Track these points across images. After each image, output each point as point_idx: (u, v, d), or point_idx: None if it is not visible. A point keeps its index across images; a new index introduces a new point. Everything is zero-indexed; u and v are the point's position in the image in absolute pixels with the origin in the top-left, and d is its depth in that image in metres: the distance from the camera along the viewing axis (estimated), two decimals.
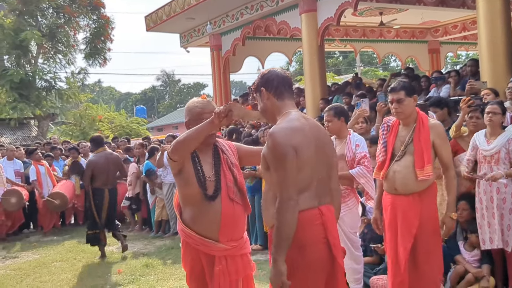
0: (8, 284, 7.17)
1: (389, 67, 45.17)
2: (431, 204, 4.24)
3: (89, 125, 28.54)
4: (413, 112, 4.30)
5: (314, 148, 2.92)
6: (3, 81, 24.13)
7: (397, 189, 4.27)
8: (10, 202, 10.38)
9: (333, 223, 2.98)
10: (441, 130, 4.27)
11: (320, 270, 2.89)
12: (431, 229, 4.19)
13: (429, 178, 4.16)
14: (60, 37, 26.59)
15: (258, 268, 7.04)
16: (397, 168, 4.27)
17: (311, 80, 11.63)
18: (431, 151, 4.18)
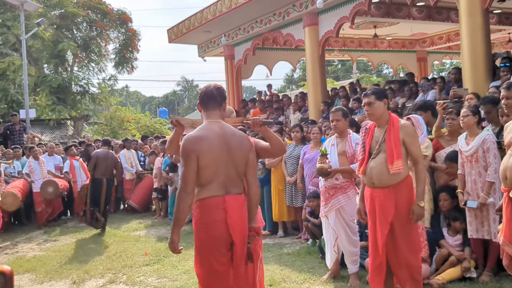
0: (50, 264, 7.24)
1: (382, 74, 44.96)
2: (406, 195, 4.25)
3: (118, 125, 28.58)
4: (384, 114, 4.35)
5: (220, 151, 3.34)
6: (43, 86, 24.25)
7: (374, 183, 4.32)
8: (47, 191, 10.48)
9: (235, 209, 3.33)
10: (410, 129, 4.30)
11: (219, 243, 3.30)
12: (407, 217, 4.22)
13: (400, 172, 4.19)
14: (93, 48, 26.69)
15: (267, 250, 7.12)
16: (373, 164, 4.33)
17: (313, 85, 11.64)
18: (400, 148, 4.21)
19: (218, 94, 3.52)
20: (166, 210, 10.91)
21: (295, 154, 7.85)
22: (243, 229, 3.36)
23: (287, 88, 51.23)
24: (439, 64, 21.28)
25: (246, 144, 3.48)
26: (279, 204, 8.12)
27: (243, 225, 3.37)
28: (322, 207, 5.58)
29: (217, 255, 3.32)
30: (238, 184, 3.43)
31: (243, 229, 3.36)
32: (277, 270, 6.06)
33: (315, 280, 5.56)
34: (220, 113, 3.50)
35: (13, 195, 9.81)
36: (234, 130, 3.49)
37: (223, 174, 3.36)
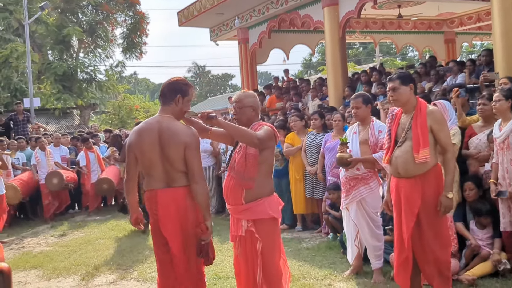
0: (57, 260, 7.35)
1: (407, 57, 44.54)
2: (434, 185, 4.22)
3: (126, 114, 28.80)
4: (410, 100, 4.31)
5: (151, 145, 3.69)
6: (47, 73, 24.49)
7: (400, 173, 4.31)
8: (52, 182, 10.63)
9: (167, 203, 3.67)
10: (438, 116, 4.25)
11: (157, 234, 3.79)
12: (434, 209, 4.20)
13: (428, 161, 4.16)
14: (99, 33, 26.85)
15: (285, 245, 7.10)
16: (398, 153, 4.31)
17: (333, 70, 11.57)
18: (428, 136, 4.17)
19: (168, 89, 3.79)
20: None
21: (316, 143, 7.83)
22: (175, 222, 3.67)
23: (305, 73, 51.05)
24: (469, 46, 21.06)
25: (180, 140, 3.66)
26: (297, 195, 8.12)
27: (177, 218, 3.67)
28: (343, 199, 5.58)
29: (159, 244, 3.83)
30: (179, 177, 3.69)
31: (176, 223, 3.67)
32: (296, 265, 6.09)
33: (336, 276, 5.57)
34: (169, 108, 3.77)
35: (13, 188, 9.96)
36: (171, 125, 3.69)
37: (160, 167, 3.70)
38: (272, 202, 3.91)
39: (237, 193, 3.85)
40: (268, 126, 3.87)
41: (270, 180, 3.96)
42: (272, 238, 3.89)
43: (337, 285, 5.30)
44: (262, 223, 3.83)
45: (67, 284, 6.16)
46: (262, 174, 3.85)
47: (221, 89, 70.75)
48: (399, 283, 4.46)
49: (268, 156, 3.87)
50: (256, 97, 4.05)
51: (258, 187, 3.83)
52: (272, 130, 3.86)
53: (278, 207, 3.96)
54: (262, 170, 3.84)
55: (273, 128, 3.88)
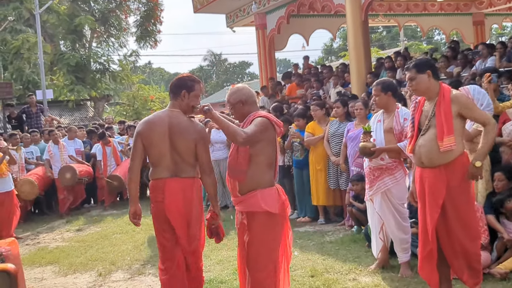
0: (74, 255, 7.46)
1: (433, 41, 44.02)
2: (461, 175, 4.19)
3: (141, 105, 28.96)
4: (430, 87, 4.29)
5: (161, 136, 4.12)
6: (60, 64, 24.69)
7: (424, 162, 4.29)
8: (65, 177, 10.73)
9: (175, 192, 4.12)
10: (463, 100, 4.23)
11: (162, 221, 4.23)
12: (462, 198, 4.18)
13: (453, 150, 4.13)
14: (112, 21, 26.97)
15: (307, 238, 7.17)
16: (422, 142, 4.29)
17: (355, 55, 11.48)
18: (452, 123, 4.13)
19: (175, 86, 4.24)
20: None
21: (340, 132, 7.78)
22: (181, 210, 4.14)
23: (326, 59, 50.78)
24: (499, 28, 20.70)
25: (190, 134, 4.12)
26: (318, 186, 8.10)
27: (182, 206, 4.14)
28: (367, 190, 5.55)
29: (161, 231, 4.27)
30: (187, 169, 4.17)
31: (182, 210, 4.14)
32: (319, 259, 6.09)
33: (361, 270, 5.56)
34: (177, 103, 4.21)
35: (31, 183, 10.09)
36: (181, 120, 4.15)
37: (168, 158, 4.15)
38: (267, 195, 3.89)
39: (233, 185, 4.00)
40: (262, 117, 3.90)
41: (268, 172, 3.95)
42: (263, 233, 3.88)
43: (362, 280, 5.29)
44: (253, 216, 3.89)
45: (84, 280, 6.25)
46: (257, 166, 3.89)
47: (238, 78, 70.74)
48: (424, 277, 4.46)
49: (263, 148, 3.90)
50: (241, 89, 4.07)
51: (251, 180, 3.89)
52: (266, 121, 3.88)
53: (274, 200, 3.90)
54: (257, 163, 3.89)
55: (269, 118, 3.91)
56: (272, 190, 3.93)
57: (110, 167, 11.61)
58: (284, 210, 4.02)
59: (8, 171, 8.99)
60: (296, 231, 7.80)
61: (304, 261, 6.09)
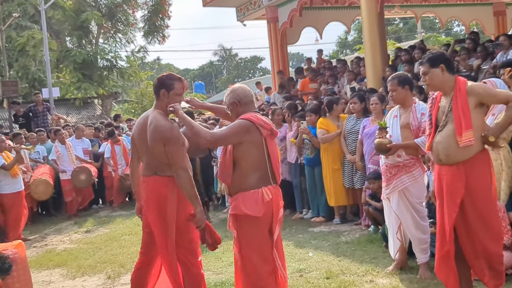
0: (82, 257, 7.51)
1: (452, 32, 43.71)
2: (481, 172, 4.18)
3: (150, 102, 28.94)
4: (445, 81, 4.29)
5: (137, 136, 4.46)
6: (66, 62, 24.89)
7: (441, 160, 4.29)
8: (80, 179, 10.80)
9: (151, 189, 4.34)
10: (479, 88, 4.23)
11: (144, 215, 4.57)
12: (483, 197, 4.15)
13: (472, 146, 4.11)
14: (119, 16, 27.12)
15: (322, 239, 7.16)
16: (439, 138, 4.29)
17: (371, 48, 11.42)
18: (470, 116, 4.11)
19: (155, 86, 4.41)
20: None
21: (357, 129, 7.73)
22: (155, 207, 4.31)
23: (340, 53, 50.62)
24: None
25: (158, 136, 4.20)
26: (335, 186, 8.08)
27: (156, 203, 4.31)
28: (384, 188, 5.53)
29: (144, 224, 4.57)
30: (164, 168, 4.30)
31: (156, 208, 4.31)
32: (334, 261, 6.09)
33: (378, 271, 5.55)
34: (158, 104, 4.38)
35: (46, 183, 10.16)
36: (153, 121, 4.26)
37: (147, 157, 4.40)
38: (248, 197, 3.98)
39: (225, 187, 4.23)
40: (246, 119, 4.01)
41: (252, 175, 4.02)
42: (245, 236, 4.01)
43: (380, 282, 5.27)
44: (236, 218, 4.04)
45: (93, 283, 6.29)
46: (241, 169, 4.02)
47: (250, 73, 70.82)
48: (441, 279, 4.45)
49: (246, 151, 4.01)
50: (235, 90, 4.23)
51: (236, 182, 4.05)
52: (246, 124, 3.99)
53: (255, 203, 3.96)
54: (241, 165, 4.02)
55: (253, 120, 3.99)
56: (255, 193, 3.99)
57: (121, 165, 11.67)
58: (269, 212, 4.03)
59: (20, 171, 9.12)
60: (311, 231, 7.80)
61: (319, 263, 6.08)
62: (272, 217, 4.06)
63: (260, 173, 4.03)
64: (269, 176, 4.07)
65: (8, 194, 8.86)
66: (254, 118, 4.03)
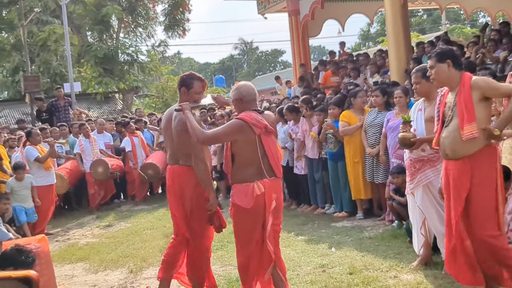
0: (104, 251, 7.59)
1: (477, 24, 43.14)
2: (487, 167, 4.19)
3: (171, 96, 29.14)
4: (451, 77, 4.36)
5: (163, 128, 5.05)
6: (87, 56, 25.09)
7: (448, 154, 4.35)
8: (97, 171, 10.91)
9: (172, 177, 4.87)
10: (482, 82, 4.26)
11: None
12: (486, 190, 4.17)
13: (476, 139, 4.13)
14: (140, 10, 27.25)
15: (345, 234, 7.14)
16: (445, 133, 4.35)
17: (394, 40, 11.32)
18: (473, 110, 4.15)
19: (177, 84, 4.96)
20: (226, 190, 10.99)
21: (377, 122, 7.71)
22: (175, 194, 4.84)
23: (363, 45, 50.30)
24: None
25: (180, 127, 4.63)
26: (356, 179, 8.05)
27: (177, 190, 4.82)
28: (408, 183, 5.50)
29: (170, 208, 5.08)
30: (183, 157, 4.77)
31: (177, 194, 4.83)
32: (357, 256, 6.06)
33: (402, 267, 5.51)
34: (179, 99, 4.89)
35: (60, 177, 10.30)
36: (177, 115, 4.70)
37: (169, 147, 4.94)
38: (239, 190, 4.39)
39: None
40: (239, 119, 4.34)
41: (246, 170, 4.38)
42: (236, 224, 4.47)
43: (404, 277, 5.24)
44: (232, 207, 4.46)
45: (115, 277, 6.36)
46: (237, 164, 4.43)
47: (271, 67, 70.78)
48: (451, 275, 4.50)
49: (240, 148, 4.39)
50: (240, 87, 4.55)
51: (233, 175, 4.48)
52: (239, 123, 4.32)
53: (245, 196, 4.30)
54: (237, 160, 4.43)
55: (246, 120, 4.30)
56: (247, 186, 4.33)
57: (141, 158, 11.74)
58: (261, 205, 4.32)
59: (53, 164, 9.27)
60: (333, 226, 7.78)
61: (341, 258, 6.07)
62: (265, 209, 4.33)
63: (254, 167, 4.36)
64: (263, 171, 4.37)
65: (42, 186, 9.12)
66: (247, 117, 4.33)
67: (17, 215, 8.46)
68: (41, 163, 9.11)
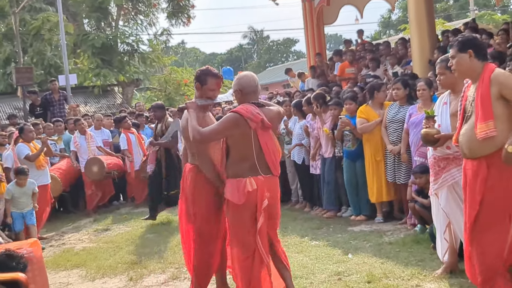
0: (102, 258, 7.61)
1: (508, 10, 42.86)
2: (504, 168, 4.08)
3: (174, 90, 29.15)
4: (472, 68, 4.31)
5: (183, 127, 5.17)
6: (84, 46, 25.12)
7: (466, 153, 4.35)
8: (92, 170, 10.85)
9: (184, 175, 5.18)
10: (502, 77, 4.16)
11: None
12: (498, 201, 4.10)
13: (494, 138, 4.07)
14: None
15: (363, 239, 7.14)
16: (463, 130, 4.36)
17: (417, 28, 11.26)
18: (491, 106, 4.10)
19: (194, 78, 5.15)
20: None
21: (399, 117, 7.67)
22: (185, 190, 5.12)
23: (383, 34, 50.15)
24: None
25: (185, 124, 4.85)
26: (377, 180, 8.02)
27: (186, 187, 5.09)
28: (432, 183, 5.48)
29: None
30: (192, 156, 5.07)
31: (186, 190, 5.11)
32: (376, 263, 6.06)
33: (425, 275, 5.50)
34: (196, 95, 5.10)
35: (53, 178, 10.28)
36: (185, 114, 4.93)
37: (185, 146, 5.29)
38: (230, 185, 4.65)
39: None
40: (232, 113, 4.61)
41: (239, 165, 4.64)
42: (230, 219, 4.73)
43: (427, 286, 5.24)
44: (226, 202, 4.75)
45: (114, 285, 6.38)
46: (231, 158, 4.71)
47: (283, 57, 70.75)
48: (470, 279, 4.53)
49: (234, 142, 4.66)
50: (241, 77, 4.78)
51: (227, 170, 4.75)
52: (235, 117, 4.54)
53: (237, 191, 4.56)
54: (231, 155, 4.71)
55: (242, 114, 4.51)
56: (239, 181, 4.58)
57: (138, 156, 11.69)
58: (253, 202, 4.56)
59: (46, 163, 9.28)
60: (350, 230, 7.77)
61: (359, 265, 6.06)
62: (256, 206, 4.57)
63: (248, 163, 4.61)
64: (257, 167, 4.60)
65: None
66: (243, 110, 4.55)
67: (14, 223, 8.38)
68: (31, 162, 9.11)
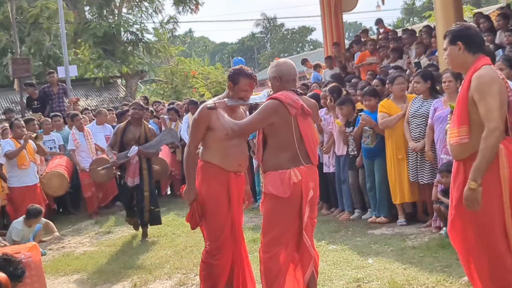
0: (104, 262, 7.63)
1: None
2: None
3: (181, 82, 29.17)
4: (464, 62, 4.21)
5: None
6: (85, 35, 25.11)
7: (452, 154, 4.38)
8: (99, 172, 10.81)
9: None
10: (480, 82, 3.98)
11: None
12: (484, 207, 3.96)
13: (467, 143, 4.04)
14: None
15: (384, 243, 7.13)
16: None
17: (443, 15, 11.17)
18: (466, 110, 4.05)
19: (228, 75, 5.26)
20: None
21: (422, 112, 7.62)
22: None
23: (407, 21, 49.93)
24: None
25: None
26: (399, 179, 7.98)
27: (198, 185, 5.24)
28: None
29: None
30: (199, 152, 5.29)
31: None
32: (398, 269, 6.05)
33: (452, 282, 5.49)
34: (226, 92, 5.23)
35: (60, 176, 10.27)
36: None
37: None
38: (273, 177, 4.59)
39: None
40: (271, 99, 4.60)
41: (280, 155, 4.61)
42: (270, 215, 4.65)
43: None
44: (265, 196, 4.71)
45: None
46: (270, 149, 4.67)
47: (298, 47, 70.68)
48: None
49: (274, 131, 4.61)
50: (280, 64, 4.78)
51: (265, 162, 4.71)
52: (274, 104, 4.55)
53: (281, 183, 4.52)
54: (270, 145, 4.67)
55: (281, 100, 4.52)
56: (282, 173, 4.55)
57: None
58: (298, 194, 4.55)
59: (32, 161, 9.25)
60: (371, 234, 7.75)
61: (380, 271, 6.05)
62: (302, 198, 4.56)
63: (290, 153, 4.60)
64: (299, 157, 4.59)
65: (16, 188, 9.16)
66: (282, 96, 4.55)
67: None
68: (10, 159, 9.07)
